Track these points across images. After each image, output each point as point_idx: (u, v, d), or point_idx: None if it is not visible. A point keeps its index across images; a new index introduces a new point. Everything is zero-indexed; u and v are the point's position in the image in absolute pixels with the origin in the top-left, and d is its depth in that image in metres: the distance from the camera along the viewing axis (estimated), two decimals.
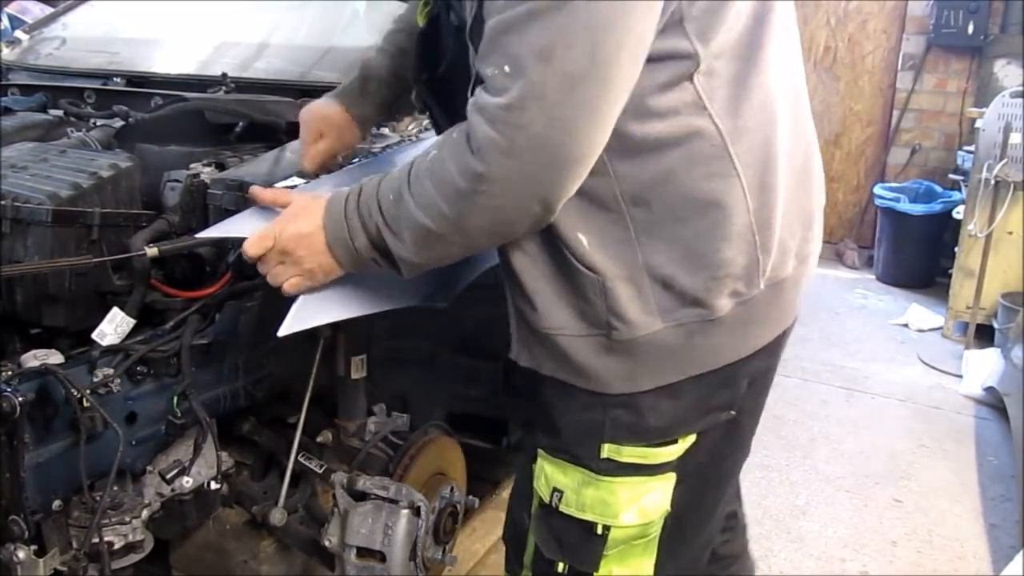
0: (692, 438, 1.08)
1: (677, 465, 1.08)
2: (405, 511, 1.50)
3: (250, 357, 1.46)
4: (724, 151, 0.96)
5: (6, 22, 3.52)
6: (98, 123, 1.74)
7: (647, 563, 1.13)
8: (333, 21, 2.40)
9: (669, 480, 1.08)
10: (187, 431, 1.39)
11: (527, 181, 0.90)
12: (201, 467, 1.40)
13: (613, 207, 0.98)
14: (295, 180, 1.41)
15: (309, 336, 1.34)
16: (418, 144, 1.64)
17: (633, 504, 1.07)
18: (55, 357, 1.20)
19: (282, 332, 1.13)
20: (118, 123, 1.70)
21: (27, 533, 1.17)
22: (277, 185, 1.38)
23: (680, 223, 0.97)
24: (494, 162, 0.89)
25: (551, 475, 1.11)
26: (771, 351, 1.12)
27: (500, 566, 2.15)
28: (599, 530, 1.08)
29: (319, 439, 1.68)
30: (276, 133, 1.68)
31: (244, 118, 1.64)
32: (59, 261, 1.29)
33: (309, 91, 1.94)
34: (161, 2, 2.49)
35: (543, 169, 0.89)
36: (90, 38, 2.40)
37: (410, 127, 1.79)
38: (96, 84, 1.97)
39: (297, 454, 1.55)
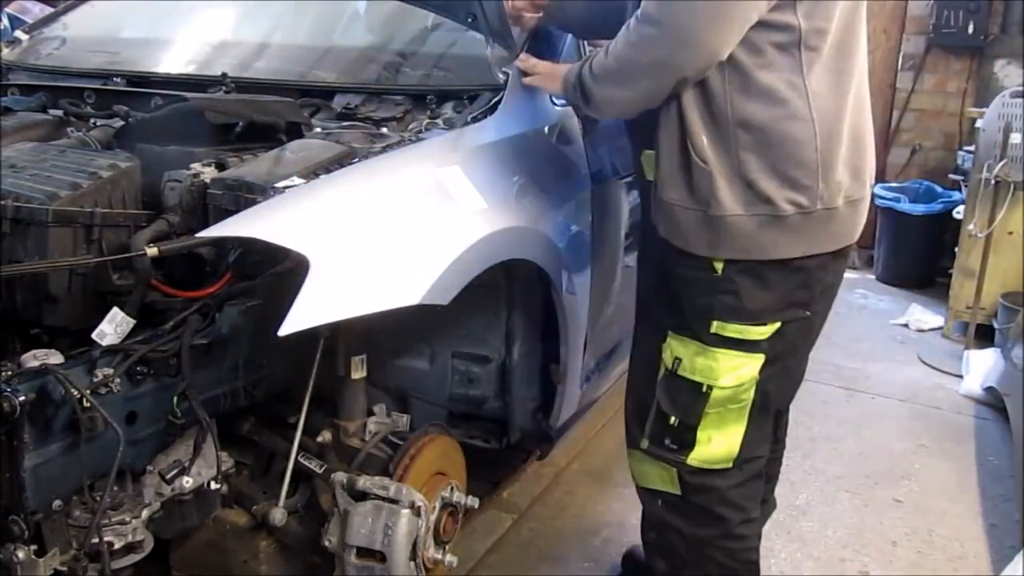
0: (777, 324, 1.47)
1: (765, 347, 1.48)
2: (405, 511, 1.50)
3: (250, 357, 1.46)
4: (807, 107, 1.38)
5: (6, 22, 3.52)
6: (98, 123, 1.74)
7: (737, 430, 1.53)
8: (333, 21, 2.40)
9: (758, 359, 1.48)
10: (187, 431, 1.39)
11: (663, 44, 1.34)
12: (201, 467, 1.40)
13: (726, 125, 1.39)
14: (295, 180, 1.41)
15: (309, 336, 1.34)
16: (419, 144, 1.64)
17: (731, 372, 1.47)
18: (55, 357, 1.20)
19: (282, 332, 1.13)
20: (118, 123, 1.70)
21: (27, 533, 1.17)
22: (277, 185, 1.39)
23: (767, 146, 1.38)
24: (652, 28, 1.34)
25: (675, 348, 1.51)
26: (831, 268, 1.52)
27: (500, 566, 2.16)
28: (704, 389, 1.49)
29: (319, 439, 1.68)
30: (276, 133, 1.68)
31: (244, 118, 1.64)
32: (59, 261, 1.29)
33: (309, 91, 1.95)
34: (161, 2, 2.49)
35: (680, 42, 1.33)
36: (90, 38, 2.40)
37: (411, 127, 1.79)
38: (96, 84, 1.97)
39: (297, 454, 1.56)
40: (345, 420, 1.68)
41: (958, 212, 4.15)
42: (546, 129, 1.92)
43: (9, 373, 1.15)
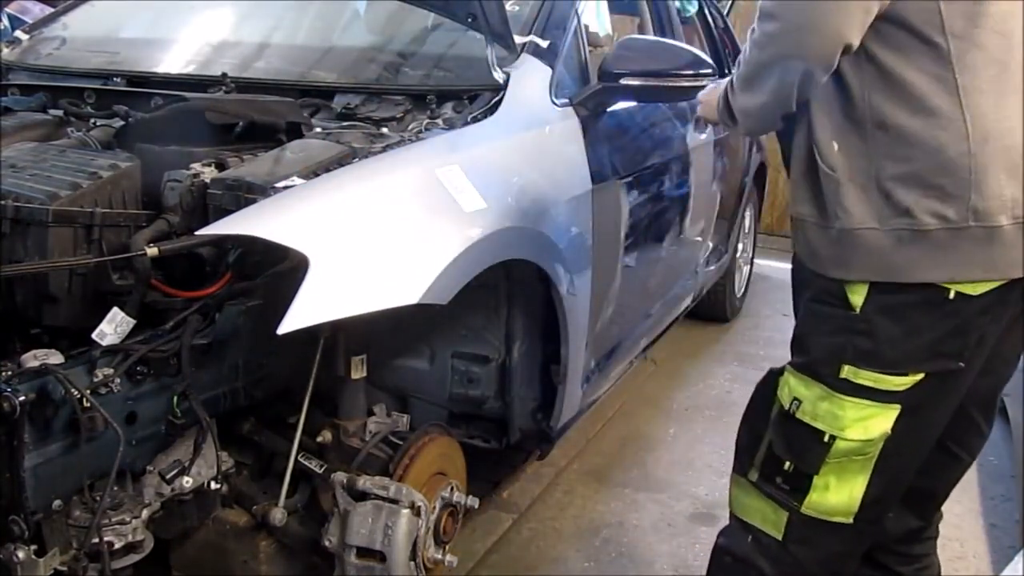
0: (920, 376, 1.26)
1: (903, 397, 1.27)
2: (405, 511, 1.50)
3: (250, 357, 1.46)
4: (957, 104, 1.19)
5: (6, 22, 3.52)
6: (98, 123, 1.74)
7: (860, 481, 1.33)
8: (333, 21, 2.40)
9: (893, 410, 1.28)
10: (187, 431, 1.39)
11: (785, 36, 1.21)
12: (201, 467, 1.40)
13: (863, 127, 1.23)
14: (295, 180, 1.41)
15: (309, 336, 1.35)
16: (419, 144, 1.64)
17: (859, 423, 1.29)
18: (55, 357, 1.20)
19: (282, 330, 1.13)
20: (118, 123, 1.70)
21: (27, 533, 1.17)
22: (277, 185, 1.39)
23: (909, 148, 1.20)
24: (771, 23, 1.22)
25: (794, 387, 1.34)
26: (995, 312, 1.27)
27: (500, 566, 2.16)
28: (826, 439, 1.30)
29: (319, 439, 1.68)
30: (276, 133, 1.68)
31: (244, 118, 1.64)
32: (59, 261, 1.29)
33: (309, 91, 1.95)
34: (161, 2, 2.50)
35: (800, 28, 1.19)
36: (90, 38, 2.40)
37: (411, 127, 1.79)
38: (96, 84, 1.97)
39: (297, 454, 1.56)
40: (345, 420, 1.68)
41: None
42: (546, 129, 1.92)
43: (9, 373, 1.15)
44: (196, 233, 1.29)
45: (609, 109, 2.15)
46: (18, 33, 2.50)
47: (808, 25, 1.19)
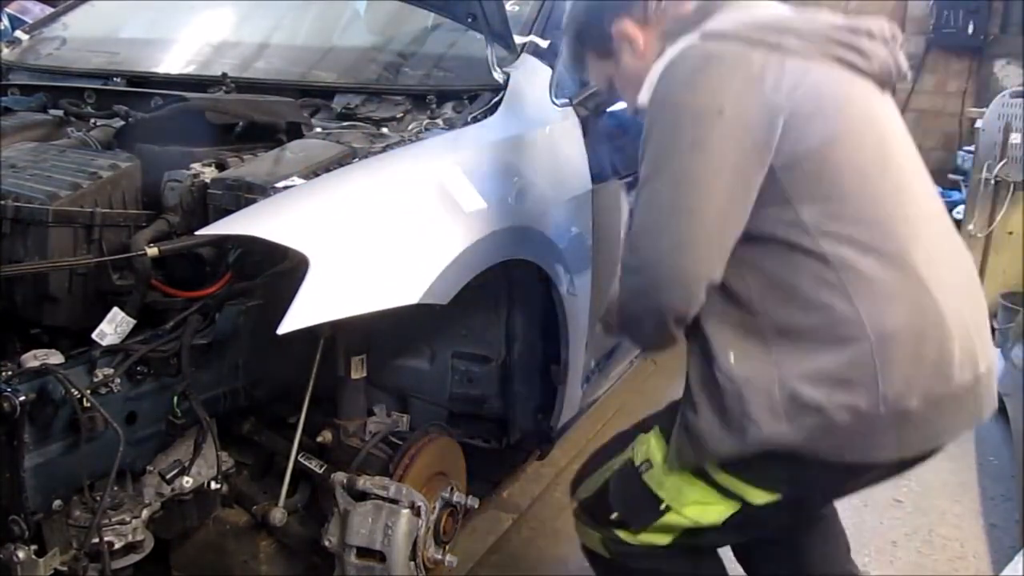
0: (777, 496, 1.27)
1: (747, 504, 1.28)
2: (405, 511, 1.50)
3: (250, 357, 1.46)
4: (847, 301, 1.18)
5: (6, 22, 3.52)
6: (98, 123, 1.74)
7: (665, 538, 1.37)
8: (333, 21, 2.40)
9: (734, 506, 1.29)
10: (187, 431, 1.39)
11: (645, 292, 1.23)
12: (201, 467, 1.41)
13: (762, 333, 1.22)
14: (295, 180, 1.41)
15: (309, 336, 1.35)
16: (419, 144, 1.64)
17: (699, 505, 1.31)
18: (55, 357, 1.20)
19: (282, 329, 1.13)
20: (118, 123, 1.70)
21: (27, 533, 1.17)
22: (277, 185, 1.39)
23: (813, 347, 1.20)
24: (631, 276, 1.26)
25: (652, 449, 1.36)
26: (881, 474, 1.33)
27: (500, 566, 2.16)
28: (662, 507, 1.33)
29: (319, 439, 1.68)
30: (276, 133, 1.68)
31: (244, 118, 1.64)
32: (59, 261, 1.29)
33: (309, 91, 1.95)
34: (161, 2, 2.49)
35: (660, 291, 1.21)
36: (90, 38, 2.40)
37: (411, 127, 1.79)
38: (96, 84, 1.97)
39: (297, 454, 1.56)
40: (345, 420, 1.68)
41: (958, 212, 4.15)
42: (546, 129, 1.92)
43: (9, 373, 1.15)
44: (196, 233, 1.29)
45: (609, 109, 2.15)
46: (18, 33, 2.50)
47: (666, 281, 1.20)
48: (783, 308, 1.21)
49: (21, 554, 1.16)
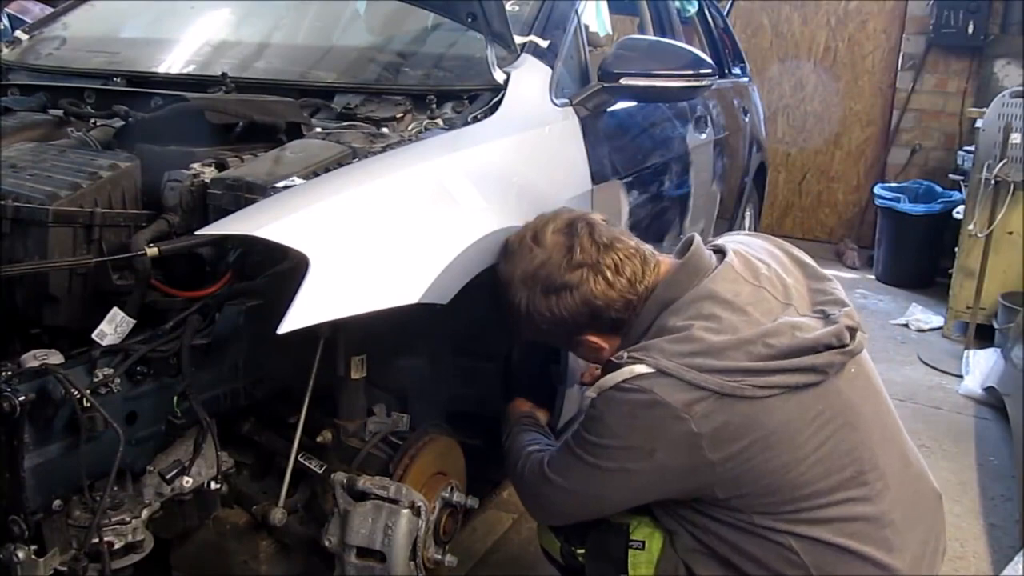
0: None
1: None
2: (405, 511, 1.50)
3: (250, 357, 1.46)
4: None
5: (6, 22, 3.52)
6: (98, 123, 1.74)
7: None
8: (333, 21, 2.40)
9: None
10: (187, 431, 1.39)
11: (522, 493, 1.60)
12: (201, 467, 1.40)
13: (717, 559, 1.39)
14: (295, 180, 1.41)
15: (309, 336, 1.34)
16: (418, 143, 1.64)
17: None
18: (55, 357, 1.20)
19: (282, 329, 1.13)
20: (118, 123, 1.70)
21: (27, 533, 1.17)
22: (277, 185, 1.39)
23: None
24: (524, 486, 1.58)
25: (652, 538, 1.47)
26: None
27: (500, 566, 2.16)
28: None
29: (319, 439, 1.67)
30: (276, 133, 1.68)
31: (244, 118, 1.64)
32: (59, 261, 1.29)
33: (309, 91, 1.95)
34: (161, 2, 2.49)
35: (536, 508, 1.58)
36: (90, 38, 2.40)
37: (411, 127, 1.79)
38: (96, 84, 1.97)
39: (297, 454, 1.55)
40: (345, 420, 1.68)
41: (958, 212, 4.15)
42: (546, 129, 1.92)
43: (9, 373, 1.15)
44: (196, 233, 1.29)
45: (609, 109, 2.15)
46: (18, 33, 2.50)
47: (543, 517, 1.57)
48: (752, 567, 1.35)
49: (21, 554, 1.16)
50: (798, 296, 1.40)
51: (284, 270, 1.38)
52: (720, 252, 1.44)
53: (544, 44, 2.01)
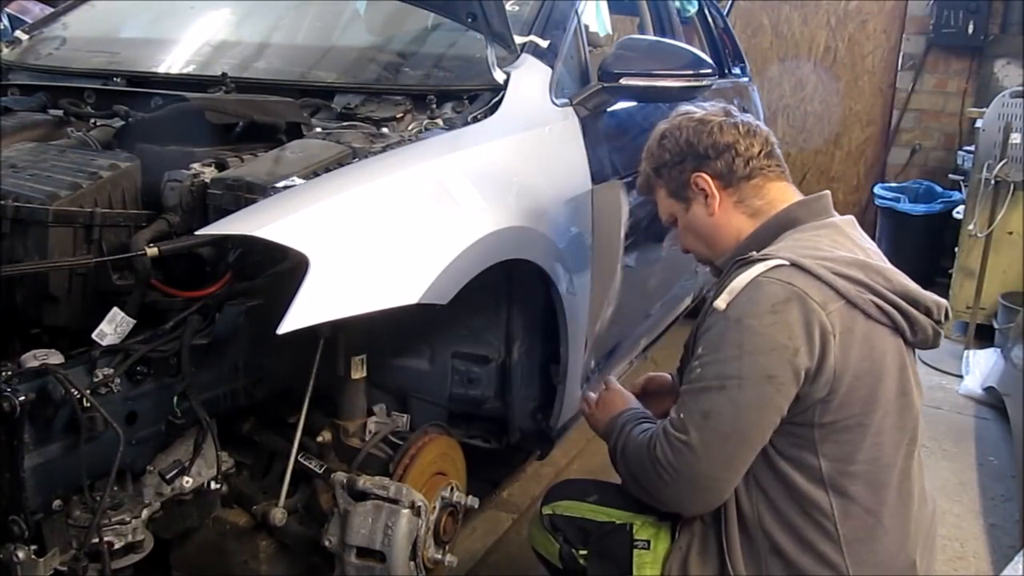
0: None
1: None
2: (405, 511, 1.50)
3: (250, 357, 1.46)
4: (838, 548, 1.33)
5: (6, 22, 3.52)
6: (98, 123, 1.74)
7: None
8: (333, 21, 2.40)
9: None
10: (187, 431, 1.39)
11: (675, 493, 1.35)
12: (201, 467, 1.40)
13: (758, 549, 1.36)
14: (295, 180, 1.41)
15: (309, 336, 1.34)
16: (418, 143, 1.64)
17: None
18: (55, 357, 1.20)
19: (282, 329, 1.13)
20: (118, 123, 1.70)
21: (27, 533, 1.17)
22: (277, 185, 1.39)
23: None
24: (662, 471, 1.34)
25: (658, 538, 1.47)
26: None
27: (500, 566, 2.16)
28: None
29: (319, 439, 1.68)
30: (276, 133, 1.68)
31: (244, 118, 1.64)
32: (59, 261, 1.29)
33: (309, 91, 1.95)
34: (161, 2, 2.49)
35: (686, 488, 1.34)
36: (90, 38, 2.40)
37: (411, 127, 1.79)
38: (96, 84, 1.97)
39: (297, 454, 1.55)
40: (345, 420, 1.68)
41: (958, 212, 4.15)
42: (546, 129, 1.92)
43: (9, 373, 1.15)
44: (196, 233, 1.29)
45: (609, 109, 2.15)
46: (18, 33, 2.50)
47: (701, 496, 1.34)
48: (782, 534, 1.34)
49: (21, 554, 1.16)
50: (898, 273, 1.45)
51: (284, 270, 1.38)
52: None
53: (544, 44, 2.01)
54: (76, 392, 1.15)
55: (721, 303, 1.30)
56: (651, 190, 1.59)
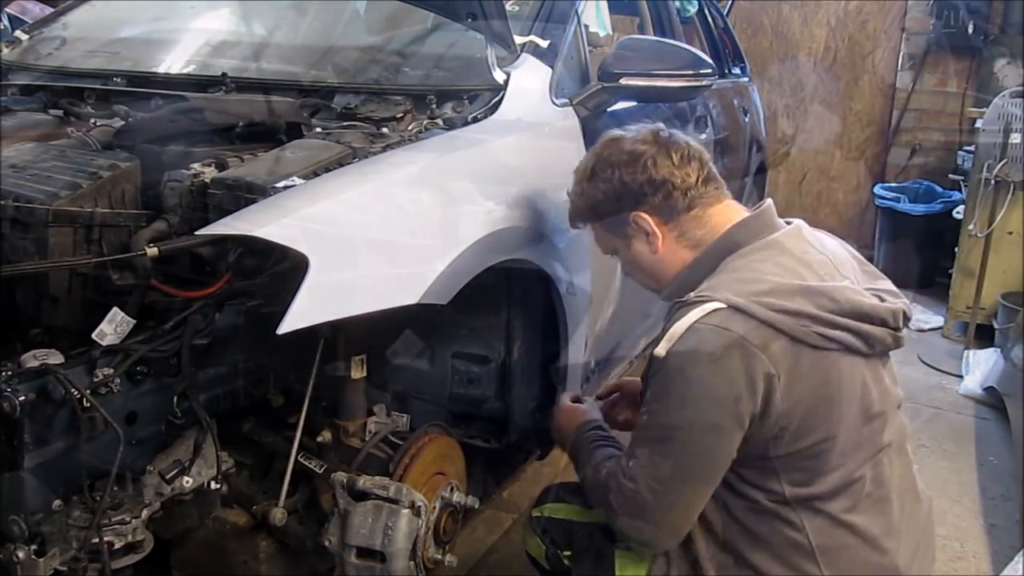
0: None
1: None
2: (405, 511, 1.50)
3: (250, 357, 1.46)
4: (818, 568, 1.32)
5: (6, 22, 3.52)
6: (98, 123, 1.74)
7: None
8: (333, 21, 2.40)
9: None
10: (187, 431, 1.39)
11: (636, 530, 1.35)
12: (201, 467, 1.40)
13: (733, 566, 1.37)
14: (295, 180, 1.41)
15: (309, 336, 1.34)
16: (419, 144, 1.64)
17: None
18: (55, 357, 1.20)
19: (282, 329, 1.13)
20: (118, 123, 1.70)
21: (27, 533, 1.17)
22: (277, 185, 1.39)
23: None
24: (619, 516, 1.35)
25: (627, 567, 1.46)
26: None
27: (500, 566, 2.16)
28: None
29: (319, 439, 1.68)
30: (276, 133, 1.68)
31: (244, 118, 1.64)
32: (59, 261, 1.29)
33: (309, 91, 1.95)
34: (161, 2, 2.49)
35: (645, 529, 1.34)
36: (90, 38, 2.40)
37: (410, 127, 1.79)
38: (96, 84, 1.97)
39: (297, 454, 1.55)
40: (345, 420, 1.68)
41: (958, 212, 4.15)
42: (546, 129, 1.92)
43: (9, 373, 1.15)
44: (196, 233, 1.29)
45: (609, 109, 2.15)
46: (18, 33, 2.49)
47: (663, 536, 1.34)
48: (751, 551, 1.34)
49: (21, 554, 1.16)
50: (855, 274, 1.42)
51: (284, 270, 1.38)
52: (788, 223, 1.47)
53: (544, 44, 2.01)
54: (76, 392, 1.15)
55: (661, 350, 1.29)
56: (584, 223, 1.56)
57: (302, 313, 1.15)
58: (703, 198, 1.42)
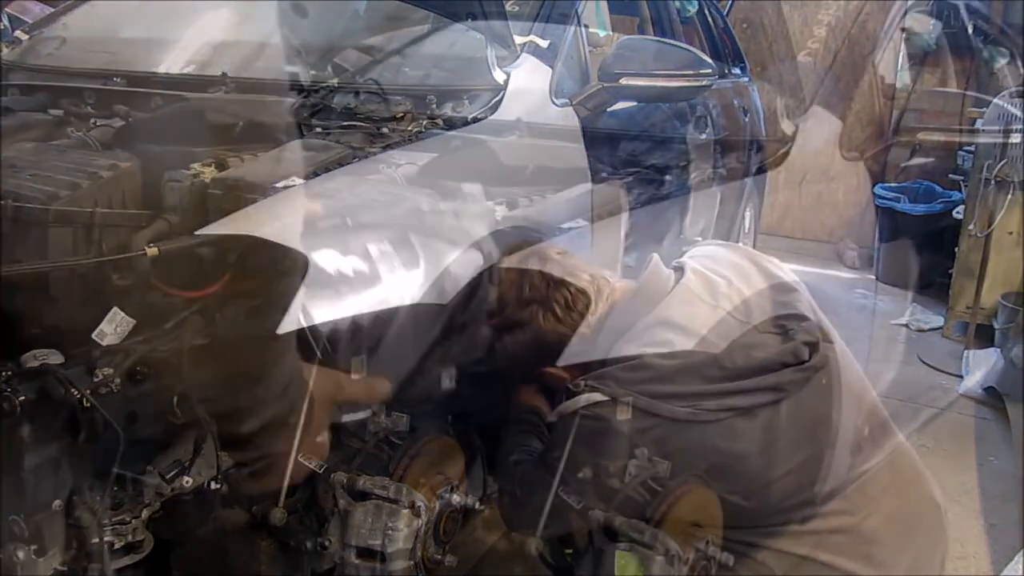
0: None
1: None
2: (405, 511, 1.50)
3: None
4: None
5: (6, 22, 3.51)
6: (98, 123, 1.74)
7: None
8: (333, 21, 2.40)
9: None
10: (187, 431, 1.39)
11: None
12: (201, 467, 1.40)
13: None
14: (295, 180, 1.41)
15: (309, 336, 1.34)
16: (419, 144, 1.64)
17: None
18: (55, 357, 1.20)
19: (282, 329, 1.13)
20: (118, 123, 1.70)
21: (27, 533, 1.17)
22: (277, 185, 1.38)
23: None
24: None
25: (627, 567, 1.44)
26: None
27: (500, 566, 2.15)
28: None
29: (319, 439, 1.67)
30: (276, 133, 1.67)
31: (244, 118, 1.63)
32: (59, 261, 1.29)
33: (309, 91, 1.94)
34: (161, 2, 2.49)
35: None
36: (90, 38, 2.40)
37: (411, 127, 1.79)
38: (96, 84, 1.97)
39: (297, 454, 1.55)
40: (345, 420, 1.68)
41: (958, 212, 4.15)
42: (546, 129, 1.92)
43: (9, 373, 1.15)
44: (196, 233, 1.29)
45: (609, 109, 2.15)
46: (18, 33, 2.49)
47: None
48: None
49: (21, 554, 1.16)
50: (759, 312, 1.40)
51: (284, 270, 1.38)
52: (680, 271, 1.45)
53: (544, 44, 2.01)
54: (76, 392, 1.15)
55: (554, 417, 1.43)
56: None
57: (302, 313, 1.15)
58: (588, 327, 1.50)
